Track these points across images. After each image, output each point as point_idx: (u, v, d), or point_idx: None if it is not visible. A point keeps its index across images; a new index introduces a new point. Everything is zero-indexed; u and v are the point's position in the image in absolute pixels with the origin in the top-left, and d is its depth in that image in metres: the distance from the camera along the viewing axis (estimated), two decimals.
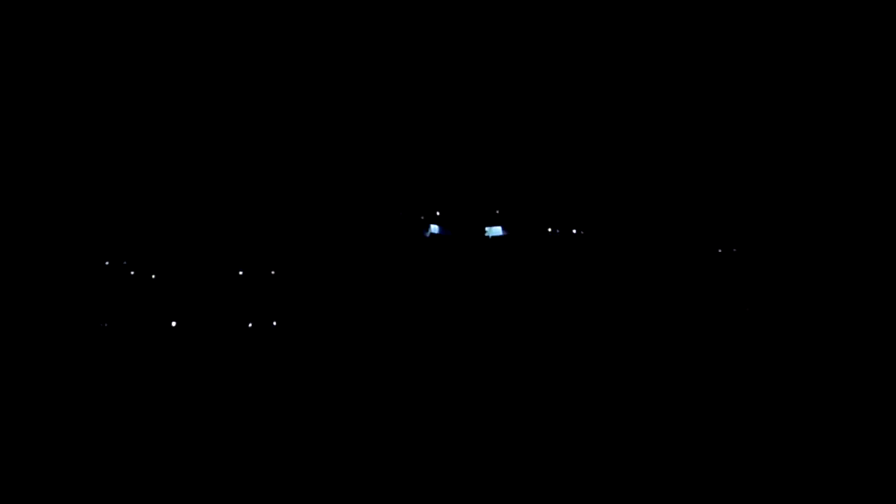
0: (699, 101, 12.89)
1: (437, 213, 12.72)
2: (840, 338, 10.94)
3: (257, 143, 13.17)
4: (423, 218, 12.68)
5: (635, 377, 9.46)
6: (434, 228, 13.26)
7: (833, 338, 10.92)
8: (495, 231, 12.46)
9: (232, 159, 13.23)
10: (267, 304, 11.41)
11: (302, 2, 12.98)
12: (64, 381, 9.48)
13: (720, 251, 11.08)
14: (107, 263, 12.28)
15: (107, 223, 12.59)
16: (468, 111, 13.26)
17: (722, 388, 8.27)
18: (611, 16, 12.80)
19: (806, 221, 12.17)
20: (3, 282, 11.68)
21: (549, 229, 12.77)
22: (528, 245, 11.43)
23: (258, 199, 12.92)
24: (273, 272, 11.75)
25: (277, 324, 10.75)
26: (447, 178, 13.28)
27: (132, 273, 12.23)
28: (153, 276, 12.25)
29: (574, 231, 12.82)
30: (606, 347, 11.00)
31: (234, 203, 13.00)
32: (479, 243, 12.19)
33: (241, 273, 11.85)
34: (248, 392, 9.59)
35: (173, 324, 11.52)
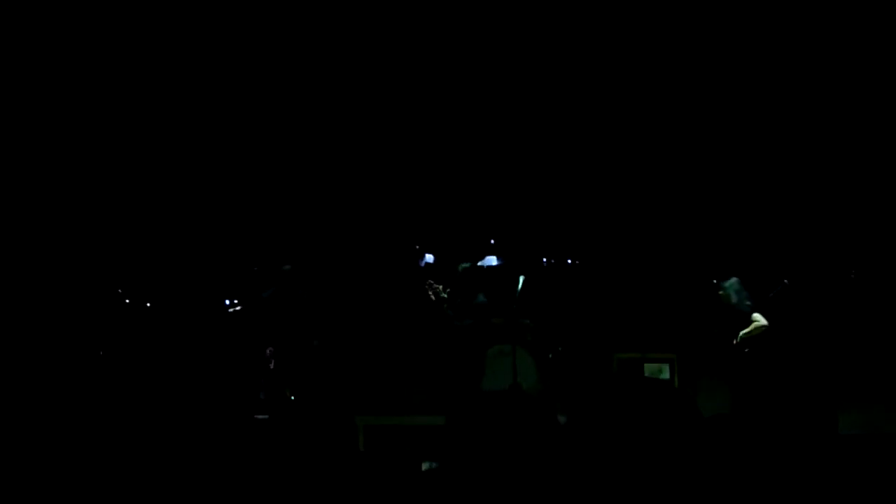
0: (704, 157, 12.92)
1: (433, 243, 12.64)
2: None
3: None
4: (417, 247, 12.66)
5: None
6: (429, 258, 13.26)
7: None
8: (490, 261, 12.48)
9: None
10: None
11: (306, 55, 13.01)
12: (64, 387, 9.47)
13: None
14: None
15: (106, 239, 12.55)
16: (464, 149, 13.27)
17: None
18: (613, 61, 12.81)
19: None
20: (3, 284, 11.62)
21: (545, 259, 12.78)
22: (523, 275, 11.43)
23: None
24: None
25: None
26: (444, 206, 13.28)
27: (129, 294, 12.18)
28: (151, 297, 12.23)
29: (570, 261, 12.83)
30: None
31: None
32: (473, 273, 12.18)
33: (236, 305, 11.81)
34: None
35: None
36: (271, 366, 10.75)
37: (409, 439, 9.97)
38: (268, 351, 11.39)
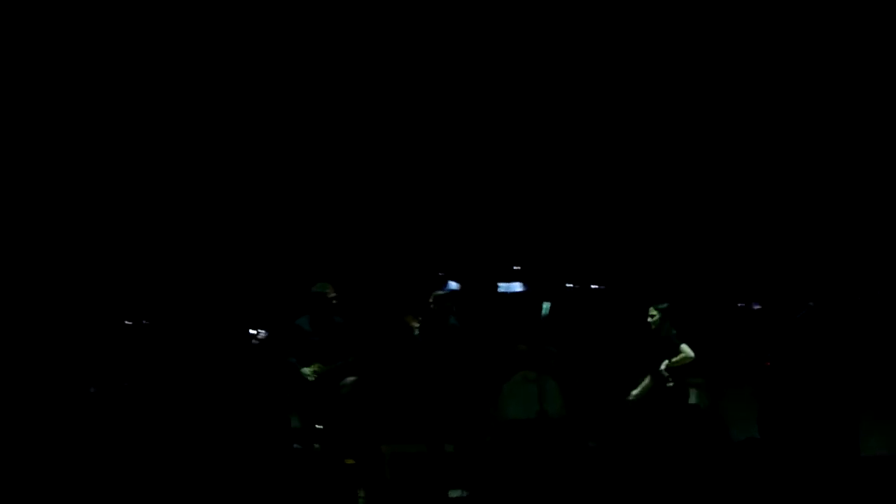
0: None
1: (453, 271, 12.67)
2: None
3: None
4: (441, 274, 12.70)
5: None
6: (453, 285, 13.28)
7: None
8: (513, 287, 12.47)
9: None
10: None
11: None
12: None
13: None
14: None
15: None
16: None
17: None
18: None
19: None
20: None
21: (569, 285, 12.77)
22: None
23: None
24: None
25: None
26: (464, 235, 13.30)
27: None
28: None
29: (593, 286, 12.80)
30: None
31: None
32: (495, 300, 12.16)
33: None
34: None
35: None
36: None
37: (435, 467, 9.95)
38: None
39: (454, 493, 9.38)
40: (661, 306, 10.53)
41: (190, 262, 13.41)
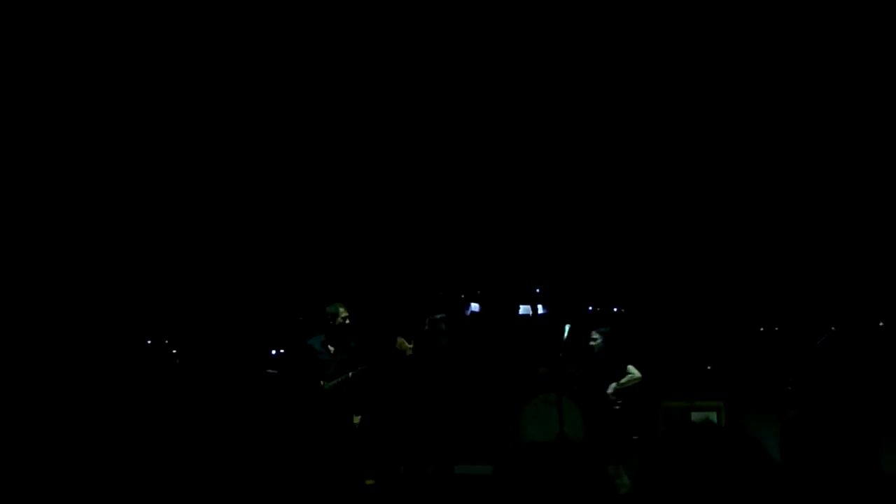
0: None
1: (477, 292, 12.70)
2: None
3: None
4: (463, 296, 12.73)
5: None
6: (474, 307, 13.30)
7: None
8: (526, 310, 12.48)
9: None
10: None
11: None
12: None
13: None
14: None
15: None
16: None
17: None
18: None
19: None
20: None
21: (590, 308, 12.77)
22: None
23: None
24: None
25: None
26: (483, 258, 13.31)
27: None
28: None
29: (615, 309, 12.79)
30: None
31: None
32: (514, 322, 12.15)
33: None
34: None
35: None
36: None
37: (456, 489, 9.95)
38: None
39: None
40: (602, 330, 10.63)
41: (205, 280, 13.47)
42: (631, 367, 10.35)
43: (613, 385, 10.38)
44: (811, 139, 12.55)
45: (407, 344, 10.89)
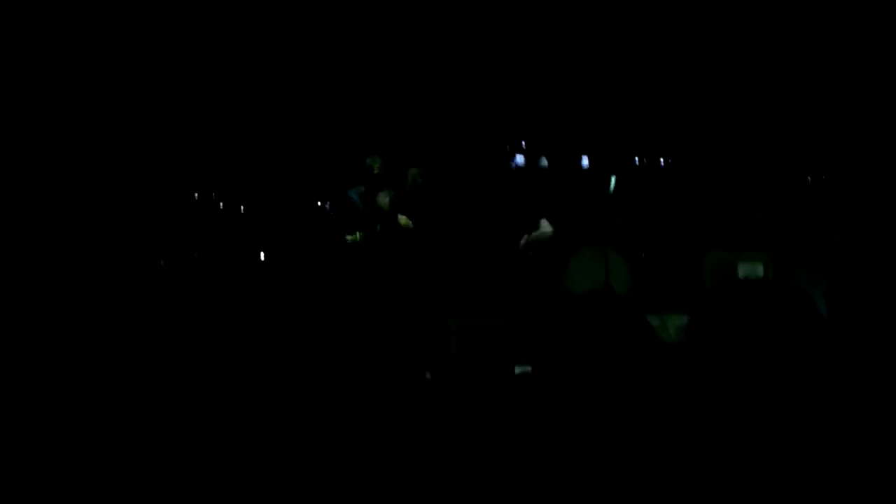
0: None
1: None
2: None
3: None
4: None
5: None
6: (519, 159, 13.23)
7: None
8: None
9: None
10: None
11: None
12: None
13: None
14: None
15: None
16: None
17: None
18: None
19: None
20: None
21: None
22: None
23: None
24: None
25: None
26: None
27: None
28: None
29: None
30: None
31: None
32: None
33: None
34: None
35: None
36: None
37: (502, 340, 10.07)
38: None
39: (520, 369, 9.52)
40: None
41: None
42: (543, 222, 10.32)
43: (525, 237, 10.37)
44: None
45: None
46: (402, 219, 10.46)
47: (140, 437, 6.15)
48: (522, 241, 10.39)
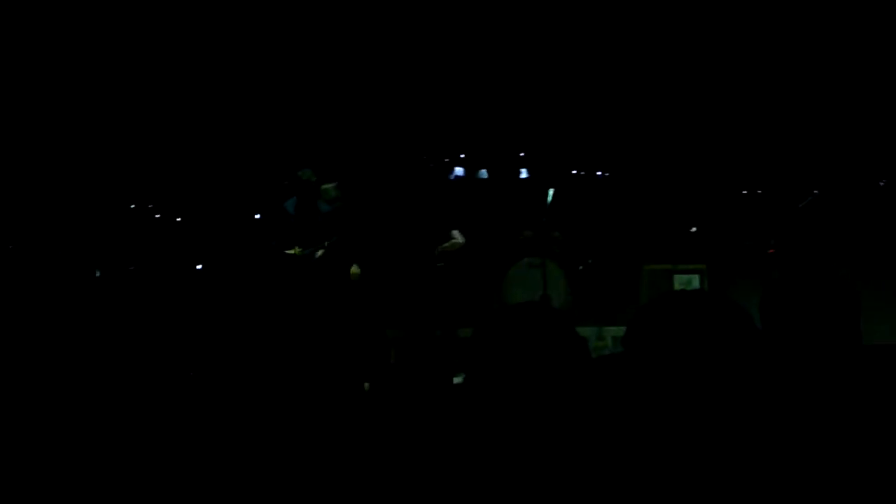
0: None
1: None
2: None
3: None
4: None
5: None
6: (458, 171, 13.21)
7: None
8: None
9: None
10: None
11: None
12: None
13: None
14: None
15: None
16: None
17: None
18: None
19: None
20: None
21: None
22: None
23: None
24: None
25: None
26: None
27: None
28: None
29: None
30: None
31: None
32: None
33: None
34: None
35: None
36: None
37: (441, 351, 10.05)
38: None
39: (458, 379, 9.51)
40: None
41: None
42: (455, 232, 10.31)
43: (439, 247, 10.37)
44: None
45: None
46: (354, 268, 10.40)
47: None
48: (436, 252, 10.32)
